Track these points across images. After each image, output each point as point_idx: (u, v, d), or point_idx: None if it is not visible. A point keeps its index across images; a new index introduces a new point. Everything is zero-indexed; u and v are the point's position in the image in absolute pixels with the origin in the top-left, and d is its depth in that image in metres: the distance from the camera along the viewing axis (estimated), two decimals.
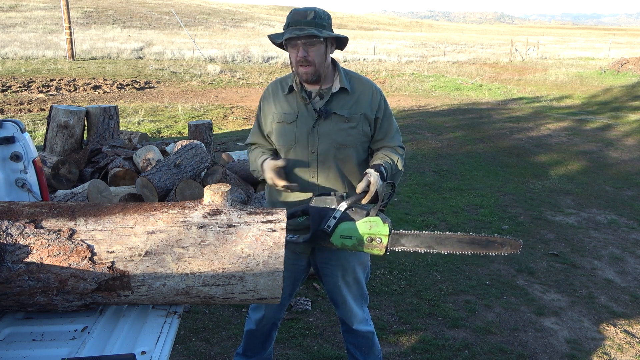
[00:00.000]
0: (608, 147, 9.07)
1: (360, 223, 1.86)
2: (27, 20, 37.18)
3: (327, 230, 1.87)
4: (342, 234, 1.87)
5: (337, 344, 3.15)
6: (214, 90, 15.03)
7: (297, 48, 2.04)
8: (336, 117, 2.11)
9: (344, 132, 2.12)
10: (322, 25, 2.05)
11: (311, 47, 2.04)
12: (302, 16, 2.04)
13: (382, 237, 1.84)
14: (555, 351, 3.19)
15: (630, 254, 4.67)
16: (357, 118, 2.13)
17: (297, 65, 2.06)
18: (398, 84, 17.43)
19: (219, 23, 48.16)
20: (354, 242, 1.87)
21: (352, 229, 1.86)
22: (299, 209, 1.97)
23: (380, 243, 1.85)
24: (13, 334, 1.56)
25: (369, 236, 1.85)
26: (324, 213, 1.88)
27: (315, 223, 1.88)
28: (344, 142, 2.13)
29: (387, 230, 1.84)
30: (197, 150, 4.85)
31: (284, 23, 2.10)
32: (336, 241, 1.88)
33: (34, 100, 11.91)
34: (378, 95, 2.19)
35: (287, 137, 2.15)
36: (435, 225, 5.15)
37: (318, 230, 1.88)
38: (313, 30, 2.00)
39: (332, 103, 2.12)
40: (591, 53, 32.77)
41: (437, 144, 8.88)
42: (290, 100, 2.17)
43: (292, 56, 2.07)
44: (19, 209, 1.61)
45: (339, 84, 2.13)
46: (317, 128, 2.12)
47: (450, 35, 53.95)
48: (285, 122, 2.15)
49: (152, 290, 1.59)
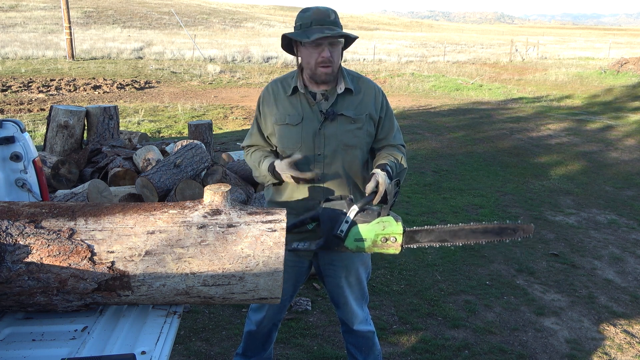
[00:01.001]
0: (608, 147, 9.07)
1: (373, 224, 1.85)
2: (27, 20, 37.17)
3: (341, 235, 1.85)
4: (356, 237, 1.85)
5: (337, 344, 3.15)
6: (214, 90, 15.03)
7: (322, 48, 2.00)
8: (343, 118, 2.10)
9: (351, 133, 2.11)
10: (342, 26, 2.05)
11: (335, 47, 2.03)
12: (325, 15, 2.01)
13: (397, 235, 1.83)
14: (555, 351, 3.19)
15: (630, 254, 4.67)
16: (363, 119, 2.12)
17: (319, 65, 2.03)
18: (398, 84, 17.43)
19: (219, 23, 48.16)
20: (369, 244, 1.86)
21: (365, 231, 1.85)
22: (307, 215, 1.95)
23: (395, 242, 1.84)
24: (13, 334, 1.56)
25: (383, 236, 1.84)
26: (335, 218, 1.86)
27: (327, 229, 1.86)
28: (350, 143, 2.12)
29: (400, 229, 1.84)
30: (197, 150, 4.85)
31: (301, 22, 2.04)
32: (351, 245, 1.86)
33: (34, 100, 11.91)
34: (380, 94, 2.19)
35: (292, 139, 2.12)
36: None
37: (331, 235, 1.86)
38: (341, 30, 2.00)
39: (338, 104, 2.11)
40: (591, 53, 32.77)
41: (437, 144, 8.88)
42: (293, 101, 2.14)
43: (312, 56, 2.03)
44: (19, 209, 1.61)
45: (344, 84, 2.12)
46: (324, 130, 2.10)
47: (450, 35, 53.95)
48: (290, 124, 2.12)
49: (152, 290, 1.59)
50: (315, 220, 1.94)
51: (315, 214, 1.93)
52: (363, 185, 2.21)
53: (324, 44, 2.00)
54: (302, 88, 2.12)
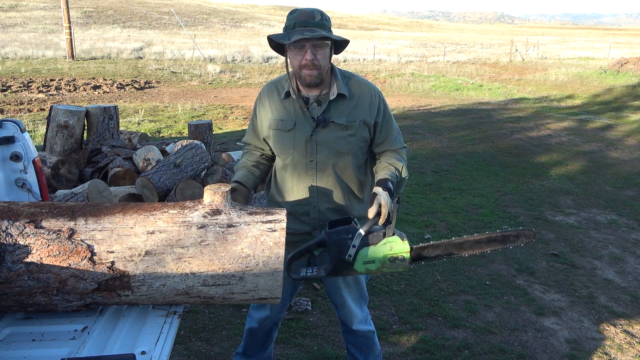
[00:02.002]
0: (608, 147, 9.07)
1: (380, 246, 1.85)
2: (27, 20, 37.18)
3: (350, 260, 1.85)
4: (365, 260, 1.86)
5: (337, 344, 3.15)
6: (214, 90, 15.03)
7: (305, 50, 1.96)
8: (334, 125, 2.06)
9: (343, 140, 2.07)
10: (328, 28, 2.00)
11: (319, 49, 1.97)
12: (309, 17, 1.96)
13: (404, 254, 1.85)
14: (555, 351, 3.19)
15: (630, 254, 4.67)
16: (356, 125, 2.07)
17: (302, 68, 1.99)
18: (398, 84, 17.43)
19: (219, 23, 48.17)
20: (377, 266, 1.86)
21: (373, 253, 1.85)
22: (313, 242, 1.95)
23: (403, 261, 1.85)
24: (13, 334, 1.56)
25: (391, 256, 1.85)
26: (342, 243, 1.86)
27: (335, 255, 1.87)
28: (342, 150, 2.08)
29: (407, 248, 1.85)
30: (197, 150, 4.85)
31: (286, 24, 2.01)
32: (360, 268, 1.87)
33: (34, 100, 11.91)
34: (377, 98, 2.13)
35: (285, 145, 2.11)
36: (436, 225, 5.15)
37: (339, 261, 1.87)
38: (324, 32, 1.94)
39: (331, 111, 2.07)
40: (591, 53, 32.77)
41: (437, 144, 8.88)
42: (286, 105, 2.11)
43: (296, 59, 1.99)
44: (19, 209, 1.61)
45: (336, 89, 2.07)
46: (316, 136, 2.07)
47: (450, 35, 53.95)
48: (283, 130, 2.10)
49: (152, 290, 1.59)
50: (322, 246, 1.93)
51: (321, 239, 1.92)
52: (358, 189, 2.20)
53: (306, 46, 1.95)
54: (294, 93, 2.08)
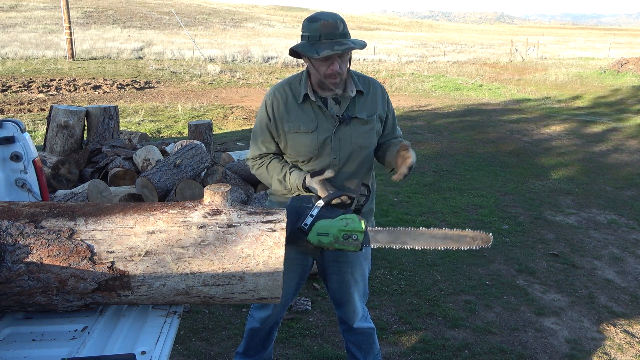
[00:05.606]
0: (609, 147, 9.07)
1: (336, 220, 1.88)
2: (27, 20, 37.18)
3: (304, 229, 1.88)
4: (319, 232, 1.88)
5: (337, 344, 3.15)
6: (214, 90, 15.03)
7: (332, 61, 1.99)
8: (357, 121, 2.13)
9: (365, 135, 2.15)
10: (349, 35, 2.03)
11: (343, 58, 2.02)
12: (334, 28, 1.98)
13: (358, 233, 1.87)
14: (555, 351, 3.19)
15: (630, 254, 4.67)
16: (374, 119, 2.17)
17: (327, 77, 2.02)
18: (398, 84, 17.43)
19: (219, 23, 48.17)
20: (330, 240, 1.89)
21: (328, 226, 1.88)
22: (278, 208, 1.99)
23: (356, 240, 1.88)
24: (13, 334, 1.56)
25: (345, 233, 1.87)
26: (300, 211, 1.90)
27: (292, 222, 1.89)
28: (364, 144, 2.16)
29: (362, 227, 1.87)
30: (197, 150, 4.85)
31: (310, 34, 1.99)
32: (313, 239, 1.90)
33: (34, 100, 11.91)
34: (385, 93, 2.25)
35: (308, 146, 2.11)
36: (435, 225, 5.15)
37: (295, 228, 1.89)
38: (350, 43, 1.98)
39: (351, 107, 2.13)
40: (591, 53, 32.76)
41: (437, 144, 8.88)
42: (305, 108, 2.12)
43: (321, 69, 2.01)
44: (19, 209, 1.61)
45: (354, 87, 2.13)
46: (338, 134, 2.12)
47: (450, 35, 53.95)
48: (305, 132, 2.11)
49: (152, 290, 1.59)
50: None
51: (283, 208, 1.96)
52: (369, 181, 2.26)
53: (334, 58, 1.99)
54: (312, 95, 2.10)
